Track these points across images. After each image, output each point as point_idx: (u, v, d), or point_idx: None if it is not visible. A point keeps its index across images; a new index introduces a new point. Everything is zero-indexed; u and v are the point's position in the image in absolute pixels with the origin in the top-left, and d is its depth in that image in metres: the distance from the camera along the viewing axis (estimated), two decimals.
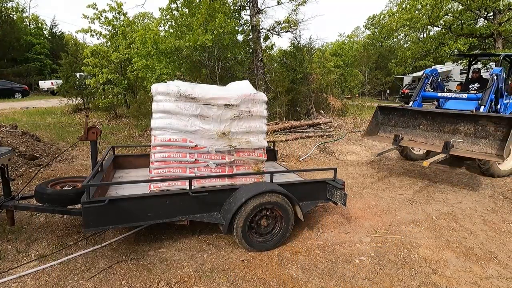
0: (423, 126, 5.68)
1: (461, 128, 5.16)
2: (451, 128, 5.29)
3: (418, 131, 5.74)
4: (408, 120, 5.89)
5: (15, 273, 2.85)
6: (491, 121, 4.79)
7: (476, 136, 4.96)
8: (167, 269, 2.98)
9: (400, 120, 6.03)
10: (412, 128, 5.83)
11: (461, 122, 5.15)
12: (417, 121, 5.75)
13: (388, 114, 6.22)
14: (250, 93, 3.58)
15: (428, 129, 5.59)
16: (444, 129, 5.38)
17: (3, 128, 7.13)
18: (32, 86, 25.86)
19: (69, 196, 3.22)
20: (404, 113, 5.94)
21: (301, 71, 13.59)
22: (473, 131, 5.00)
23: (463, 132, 5.15)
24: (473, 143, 5.00)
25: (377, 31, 37.52)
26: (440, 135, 5.41)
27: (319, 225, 3.99)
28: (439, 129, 5.45)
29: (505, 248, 3.56)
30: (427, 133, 5.60)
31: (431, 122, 5.55)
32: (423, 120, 5.65)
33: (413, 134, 5.82)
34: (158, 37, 10.20)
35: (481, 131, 4.90)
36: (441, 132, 5.42)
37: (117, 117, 12.12)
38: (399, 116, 6.03)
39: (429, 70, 6.60)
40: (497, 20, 15.11)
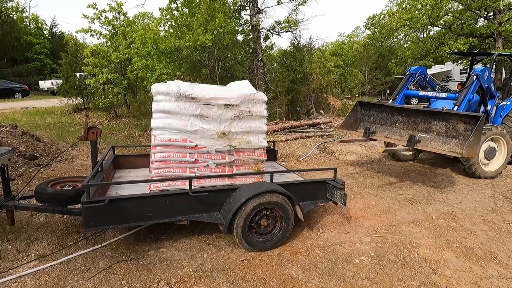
0: (399, 124, 5.68)
1: (434, 127, 5.14)
2: (425, 126, 5.27)
3: (394, 128, 5.75)
4: (386, 117, 5.91)
5: (15, 273, 2.85)
6: (460, 120, 4.76)
7: (447, 135, 4.96)
8: (167, 269, 2.98)
9: (378, 117, 6.03)
10: (389, 125, 5.84)
11: (434, 120, 5.12)
12: (393, 118, 5.76)
13: (368, 110, 6.24)
14: (250, 93, 3.58)
15: (404, 127, 5.60)
16: (418, 127, 5.38)
17: (3, 128, 7.13)
18: (32, 86, 25.84)
19: (69, 196, 3.22)
20: (382, 110, 5.97)
21: (301, 71, 13.59)
22: (445, 130, 4.99)
23: (435, 130, 5.13)
24: (444, 142, 4.98)
25: (377, 31, 37.50)
26: (414, 133, 5.39)
27: (319, 225, 3.99)
28: (413, 127, 5.44)
29: (505, 248, 3.56)
30: (402, 131, 5.61)
31: (406, 119, 5.54)
32: (399, 117, 5.65)
33: (389, 131, 5.82)
34: (158, 37, 10.19)
35: (452, 130, 4.89)
36: (415, 130, 5.41)
37: (117, 117, 12.12)
38: (378, 113, 6.04)
39: (413, 68, 6.51)
40: (497, 20, 15.10)
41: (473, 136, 4.44)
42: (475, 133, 4.46)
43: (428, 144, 5.15)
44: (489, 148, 5.97)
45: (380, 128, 5.99)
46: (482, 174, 5.95)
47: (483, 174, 5.96)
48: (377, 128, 6.01)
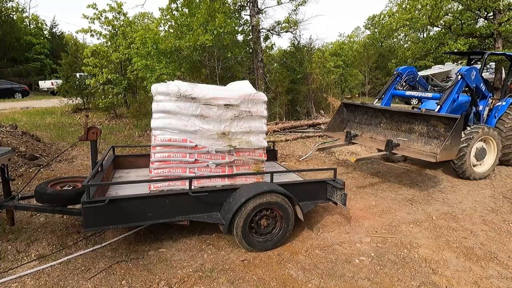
0: (383, 124, 5.69)
1: (416, 128, 5.13)
2: (407, 127, 5.26)
3: (379, 129, 5.75)
4: (371, 118, 5.91)
5: (15, 273, 2.85)
6: (440, 121, 4.73)
7: (429, 136, 4.93)
8: (167, 269, 2.98)
9: (364, 118, 6.04)
10: (374, 126, 5.85)
11: (415, 121, 5.11)
12: (378, 119, 5.77)
13: (353, 111, 6.24)
14: (250, 93, 3.58)
15: (388, 127, 5.60)
16: (401, 128, 5.38)
17: (3, 128, 7.13)
18: (32, 86, 25.85)
19: (69, 196, 3.22)
20: (366, 111, 5.96)
21: (301, 71, 13.60)
22: (426, 131, 4.96)
23: (417, 131, 5.11)
24: (426, 143, 4.94)
25: (377, 31, 37.49)
26: (398, 134, 5.41)
27: (319, 225, 3.99)
28: (397, 128, 5.45)
29: (505, 248, 3.56)
30: (387, 131, 5.62)
31: (390, 120, 5.55)
32: (383, 118, 5.66)
33: (374, 132, 5.83)
34: (158, 37, 10.20)
35: (433, 131, 4.86)
36: (399, 130, 5.42)
37: (117, 117, 12.13)
38: (363, 114, 6.05)
39: (401, 68, 6.43)
40: (497, 20, 15.10)
41: (449, 139, 4.39)
42: (452, 136, 4.41)
43: (411, 145, 5.10)
44: (480, 149, 5.89)
45: (366, 128, 5.99)
46: (472, 175, 5.85)
47: (473, 175, 5.86)
48: (363, 128, 6.02)
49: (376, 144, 5.56)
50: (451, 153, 4.57)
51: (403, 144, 5.18)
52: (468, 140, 5.56)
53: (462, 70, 5.52)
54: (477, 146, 5.83)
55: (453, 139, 4.45)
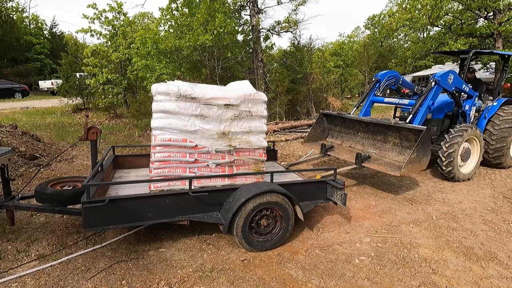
0: (360, 134, 5.71)
1: (389, 138, 5.13)
2: (382, 137, 5.26)
3: (357, 138, 5.77)
4: (349, 127, 5.92)
5: (15, 273, 2.85)
6: (410, 131, 4.69)
7: (402, 146, 4.92)
8: (167, 269, 2.98)
9: (343, 127, 6.06)
10: (353, 134, 5.87)
11: (388, 131, 5.10)
12: (355, 129, 5.78)
13: (333, 120, 6.27)
14: (250, 93, 3.58)
15: (365, 137, 5.62)
16: (376, 138, 5.38)
17: (3, 128, 7.13)
18: (32, 86, 25.87)
19: (69, 196, 3.22)
20: (344, 120, 5.95)
21: (301, 71, 13.60)
22: (399, 140, 4.96)
23: (391, 141, 5.12)
24: (400, 153, 4.94)
25: (377, 31, 37.52)
26: (374, 143, 5.43)
27: (319, 225, 3.99)
28: (373, 137, 5.46)
29: (505, 248, 3.56)
30: (364, 140, 5.63)
31: (366, 130, 5.56)
32: (360, 128, 5.68)
33: (353, 141, 5.85)
34: (158, 37, 10.21)
35: (405, 141, 4.85)
36: (375, 140, 5.42)
37: (117, 117, 12.13)
38: (342, 123, 6.06)
39: (380, 74, 6.28)
40: (497, 20, 15.10)
41: (415, 152, 4.32)
42: (419, 148, 4.34)
43: (386, 154, 5.10)
44: (465, 150, 5.79)
45: (346, 137, 6.02)
46: (461, 176, 5.75)
47: (461, 176, 5.76)
48: (344, 137, 6.04)
49: (351, 156, 5.32)
50: (419, 165, 4.49)
51: (375, 155, 5.15)
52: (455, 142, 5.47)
53: (437, 76, 5.39)
54: (464, 146, 5.76)
55: (419, 151, 4.37)
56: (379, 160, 5.05)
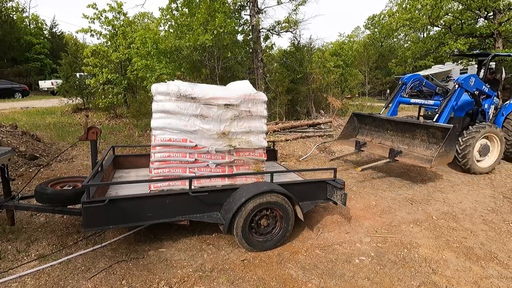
0: (390, 131, 6.29)
1: (417, 135, 5.69)
2: (411, 134, 5.81)
3: (387, 135, 6.37)
4: (379, 125, 6.51)
5: (15, 273, 2.85)
6: (437, 129, 5.28)
7: (430, 142, 5.50)
8: (167, 269, 2.98)
9: (373, 125, 6.67)
10: (382, 132, 6.46)
11: (417, 129, 5.67)
12: (385, 127, 6.38)
13: (363, 120, 6.87)
14: (250, 93, 3.58)
15: (394, 134, 6.21)
16: (405, 135, 5.95)
17: (3, 128, 7.13)
18: (32, 86, 25.85)
19: (69, 196, 3.22)
20: (374, 119, 6.55)
21: (301, 71, 13.59)
22: (427, 137, 5.54)
23: (419, 138, 5.68)
24: (427, 148, 5.52)
25: (377, 31, 37.48)
26: (403, 140, 5.99)
27: (319, 225, 3.99)
28: (402, 135, 6.04)
29: (505, 248, 3.56)
30: (393, 137, 6.21)
31: (395, 128, 6.15)
32: (389, 126, 6.27)
33: (383, 138, 6.42)
34: (158, 37, 10.20)
35: (433, 137, 5.44)
36: (404, 137, 5.98)
37: (117, 117, 12.12)
38: (371, 122, 6.66)
39: (406, 77, 6.80)
40: (497, 20, 15.10)
41: (443, 147, 4.93)
42: (446, 144, 4.95)
43: (414, 150, 5.68)
44: (483, 146, 6.31)
45: (375, 134, 6.60)
46: (477, 170, 6.26)
47: (478, 170, 6.27)
48: (373, 134, 6.63)
49: (383, 151, 5.96)
50: (446, 158, 5.13)
51: (405, 150, 5.73)
52: (471, 138, 6.02)
53: (460, 79, 5.95)
54: (481, 143, 6.30)
55: (447, 146, 4.99)
56: (409, 155, 5.61)
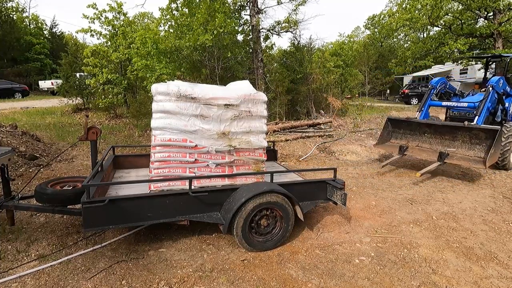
0: (428, 134, 6.54)
1: (459, 137, 6.01)
2: (451, 136, 6.13)
3: (424, 138, 6.59)
4: (415, 128, 6.73)
5: (15, 273, 2.85)
6: (481, 131, 5.63)
7: (472, 143, 5.83)
8: (167, 269, 2.98)
9: (408, 128, 6.90)
10: (419, 135, 6.69)
11: (458, 131, 5.99)
12: (422, 130, 6.61)
13: (397, 124, 7.10)
14: (250, 93, 3.58)
15: (432, 137, 6.46)
16: (444, 137, 6.24)
17: (3, 128, 7.13)
18: (32, 86, 25.83)
19: (69, 196, 3.22)
20: (410, 123, 6.79)
21: (301, 71, 13.59)
22: (469, 138, 5.86)
23: (460, 139, 5.99)
24: (469, 149, 5.84)
25: (377, 31, 37.50)
26: (442, 142, 6.28)
27: (319, 225, 3.99)
28: (440, 137, 6.31)
29: (505, 248, 3.56)
30: (431, 140, 6.48)
31: (434, 131, 6.43)
32: (427, 129, 6.53)
33: (419, 141, 6.65)
34: (158, 37, 10.20)
35: (475, 138, 5.78)
36: (443, 139, 6.28)
37: (117, 117, 12.12)
38: (406, 126, 6.92)
39: (434, 81, 7.34)
40: (497, 20, 15.11)
41: (493, 148, 5.32)
42: (495, 144, 5.36)
43: (456, 151, 5.99)
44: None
45: (410, 138, 6.82)
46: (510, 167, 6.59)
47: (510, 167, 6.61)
48: (408, 138, 6.86)
49: (425, 154, 6.21)
50: (495, 157, 5.64)
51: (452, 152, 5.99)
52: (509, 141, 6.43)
53: (493, 82, 6.46)
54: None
55: (496, 147, 5.42)
56: (455, 156, 5.84)
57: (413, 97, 20.52)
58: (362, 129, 11.13)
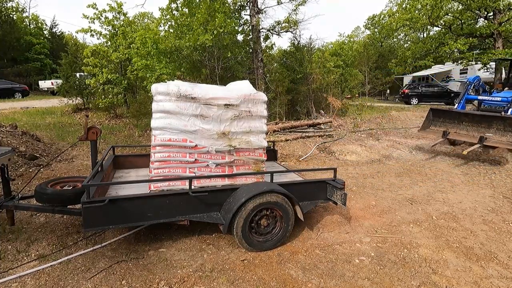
0: (465, 123, 7.48)
1: (493, 125, 6.95)
2: (486, 124, 7.04)
3: (461, 126, 7.55)
4: (454, 117, 7.70)
5: (15, 273, 2.85)
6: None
7: (505, 130, 6.74)
8: (167, 269, 2.98)
9: (448, 118, 7.85)
10: (457, 123, 7.61)
11: (494, 120, 6.94)
12: (461, 119, 7.58)
13: (438, 114, 8.08)
14: (250, 93, 3.58)
15: (469, 125, 7.40)
16: (481, 125, 7.15)
17: (3, 128, 7.13)
18: (32, 86, 25.81)
19: (69, 196, 3.22)
20: (450, 113, 7.80)
21: (301, 71, 13.59)
22: (503, 126, 6.77)
23: (495, 127, 6.92)
24: (502, 135, 6.75)
25: (377, 31, 37.48)
26: (478, 129, 7.19)
27: (319, 225, 3.99)
28: (477, 125, 7.22)
29: (505, 248, 3.56)
30: (468, 127, 7.41)
31: (471, 120, 7.37)
32: (465, 118, 7.49)
33: (457, 128, 7.60)
34: (158, 37, 10.21)
35: (508, 126, 6.67)
36: (479, 127, 7.18)
37: (117, 117, 12.12)
38: (447, 115, 7.88)
39: (472, 77, 8.56)
40: (497, 20, 15.11)
41: None
42: None
43: (492, 137, 6.86)
44: None
45: (449, 126, 7.73)
46: None
47: None
48: (447, 126, 7.76)
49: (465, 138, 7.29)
50: None
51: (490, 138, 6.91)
52: None
53: None
54: None
55: None
56: (490, 140, 6.74)
57: (413, 97, 20.51)
58: (362, 129, 11.13)
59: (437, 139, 7.75)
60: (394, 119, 12.83)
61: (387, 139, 9.67)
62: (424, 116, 8.38)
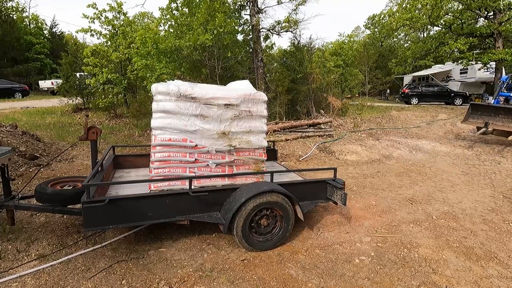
0: (501, 116, 8.85)
1: None
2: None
3: (497, 118, 8.91)
4: (491, 111, 9.03)
5: (15, 273, 2.85)
6: None
7: None
8: (167, 269, 2.98)
9: (485, 111, 9.16)
10: (493, 116, 8.97)
11: None
12: (497, 112, 8.93)
13: (477, 108, 9.39)
14: (250, 92, 3.58)
15: (505, 117, 8.77)
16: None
17: (3, 128, 7.13)
18: (32, 86, 25.81)
19: (69, 195, 3.22)
20: (488, 107, 9.14)
21: (301, 70, 13.58)
22: None
23: None
24: None
25: (377, 31, 37.48)
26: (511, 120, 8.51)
27: (319, 225, 3.99)
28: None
29: (505, 248, 3.56)
30: (504, 119, 8.79)
31: (507, 113, 8.73)
32: (501, 111, 8.84)
33: (494, 120, 8.93)
34: (158, 37, 10.20)
35: None
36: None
37: (117, 117, 12.12)
38: (485, 109, 9.18)
39: (504, 77, 10.27)
40: (497, 19, 15.10)
41: None
42: None
43: None
44: None
45: (486, 118, 9.01)
46: None
47: None
48: (484, 118, 9.02)
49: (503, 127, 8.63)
50: None
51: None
52: None
53: None
54: None
55: None
56: None
57: (413, 96, 20.49)
58: (362, 129, 11.13)
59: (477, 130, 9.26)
60: (394, 119, 12.83)
61: (387, 139, 9.67)
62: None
